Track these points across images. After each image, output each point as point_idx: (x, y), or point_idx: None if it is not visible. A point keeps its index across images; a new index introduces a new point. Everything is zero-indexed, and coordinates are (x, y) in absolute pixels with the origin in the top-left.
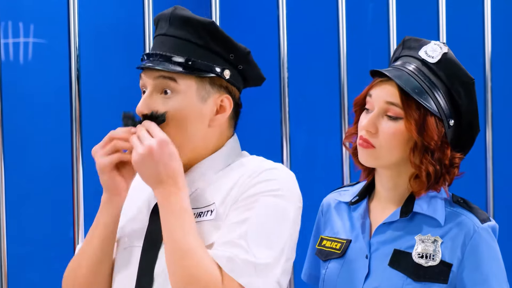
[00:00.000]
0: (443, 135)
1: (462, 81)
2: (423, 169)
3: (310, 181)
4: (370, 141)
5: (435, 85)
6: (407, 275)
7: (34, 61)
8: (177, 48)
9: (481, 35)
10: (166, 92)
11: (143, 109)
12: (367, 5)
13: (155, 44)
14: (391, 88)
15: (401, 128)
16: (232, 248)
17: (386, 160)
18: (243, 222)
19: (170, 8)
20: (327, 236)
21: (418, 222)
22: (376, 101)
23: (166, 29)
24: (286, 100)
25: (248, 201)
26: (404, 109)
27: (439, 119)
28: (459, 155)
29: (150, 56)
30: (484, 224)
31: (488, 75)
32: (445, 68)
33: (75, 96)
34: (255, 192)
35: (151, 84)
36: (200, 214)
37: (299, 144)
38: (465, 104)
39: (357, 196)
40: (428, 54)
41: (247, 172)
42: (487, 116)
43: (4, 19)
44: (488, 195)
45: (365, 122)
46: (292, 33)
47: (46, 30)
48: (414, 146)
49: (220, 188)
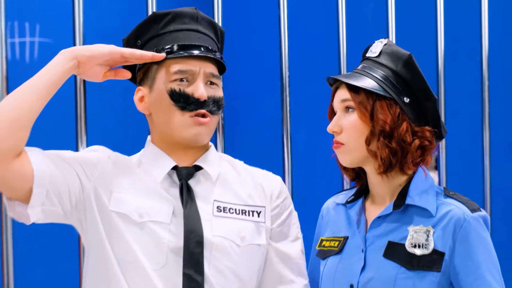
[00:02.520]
0: (401, 114)
1: (403, 60)
2: (378, 154)
3: (310, 179)
4: (338, 139)
5: (383, 73)
6: (401, 264)
7: (40, 60)
8: (211, 44)
9: (478, 34)
10: (211, 83)
11: (205, 94)
12: (367, 5)
13: (191, 36)
14: (342, 90)
15: (356, 118)
16: None
17: (358, 154)
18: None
19: (186, 7)
20: (326, 237)
21: (410, 214)
22: (335, 104)
23: (195, 25)
24: (287, 99)
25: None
26: (354, 101)
27: (391, 100)
28: (428, 128)
29: (198, 48)
30: (474, 214)
31: (485, 74)
32: (387, 56)
33: (80, 95)
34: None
35: (202, 73)
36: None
37: (300, 143)
38: (413, 79)
39: (353, 196)
40: (372, 51)
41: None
42: (484, 115)
43: (10, 19)
44: (485, 192)
45: (330, 124)
46: (293, 33)
47: (51, 30)
48: (370, 134)
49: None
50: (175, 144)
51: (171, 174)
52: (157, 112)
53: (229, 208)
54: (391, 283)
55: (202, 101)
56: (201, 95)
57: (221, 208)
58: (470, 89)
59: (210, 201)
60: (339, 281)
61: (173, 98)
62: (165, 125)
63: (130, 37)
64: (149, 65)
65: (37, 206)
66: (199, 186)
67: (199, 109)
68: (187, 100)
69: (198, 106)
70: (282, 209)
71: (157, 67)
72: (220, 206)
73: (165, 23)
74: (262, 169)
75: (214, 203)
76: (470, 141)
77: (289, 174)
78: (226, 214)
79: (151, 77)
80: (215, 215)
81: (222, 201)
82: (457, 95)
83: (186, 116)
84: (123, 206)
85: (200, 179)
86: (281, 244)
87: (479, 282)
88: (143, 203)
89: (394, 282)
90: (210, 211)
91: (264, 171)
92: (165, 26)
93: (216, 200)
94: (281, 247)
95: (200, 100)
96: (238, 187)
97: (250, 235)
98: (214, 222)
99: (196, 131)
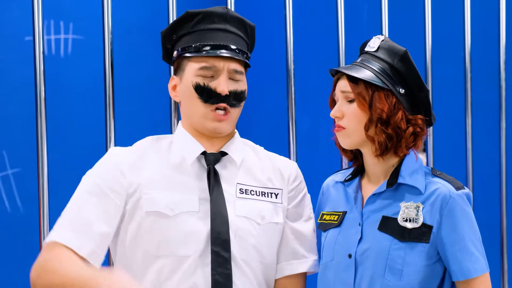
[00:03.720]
0: (396, 103)
1: (399, 55)
2: (375, 139)
3: (313, 160)
4: (340, 124)
5: (380, 66)
6: (394, 236)
7: (73, 55)
8: (238, 42)
9: (461, 32)
10: (234, 79)
11: (226, 89)
12: (363, 6)
13: (219, 36)
14: (343, 80)
15: (356, 107)
16: None
17: (357, 137)
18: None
19: (217, 6)
20: (327, 211)
21: (402, 191)
22: (337, 93)
23: (224, 25)
24: (292, 88)
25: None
26: (354, 92)
27: (388, 91)
28: (420, 116)
29: (223, 48)
30: (458, 191)
31: (468, 67)
32: (384, 51)
33: (109, 85)
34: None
35: (225, 70)
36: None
37: (304, 127)
38: (408, 72)
39: (350, 175)
40: (370, 46)
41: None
42: (467, 103)
43: (47, 18)
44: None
45: (332, 110)
46: (297, 30)
47: (83, 28)
48: (369, 121)
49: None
50: (201, 132)
51: (199, 158)
52: (184, 101)
53: (250, 190)
54: (385, 253)
55: (224, 96)
56: (223, 90)
57: (243, 190)
58: (454, 80)
59: (234, 183)
60: (339, 251)
61: (198, 91)
62: (190, 114)
63: (167, 31)
64: (181, 59)
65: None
66: (224, 170)
67: (220, 102)
68: (210, 94)
69: (219, 100)
70: (297, 192)
71: (187, 61)
72: (243, 188)
73: (196, 21)
74: (280, 155)
75: (237, 185)
76: (454, 126)
77: (294, 156)
78: (248, 195)
79: (182, 69)
80: (238, 197)
81: (244, 184)
82: (443, 86)
83: (208, 110)
84: (156, 205)
85: (225, 164)
86: (296, 223)
87: (463, 252)
88: (172, 197)
89: (388, 252)
90: (234, 193)
91: (282, 157)
92: (196, 24)
93: (239, 183)
94: (296, 226)
95: (221, 95)
96: (259, 171)
97: (269, 214)
98: (237, 203)
99: (215, 125)
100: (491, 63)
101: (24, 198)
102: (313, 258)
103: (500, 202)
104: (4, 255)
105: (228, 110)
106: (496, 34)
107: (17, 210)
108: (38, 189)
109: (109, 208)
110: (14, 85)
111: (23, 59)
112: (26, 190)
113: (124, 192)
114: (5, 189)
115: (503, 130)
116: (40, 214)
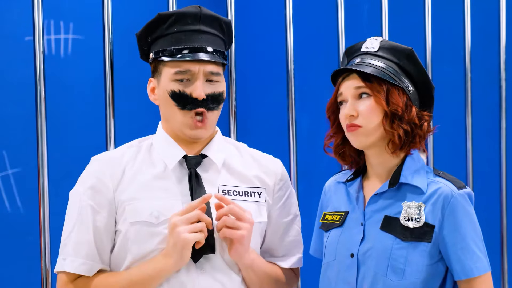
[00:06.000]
0: (407, 100)
1: (405, 54)
2: (395, 133)
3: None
4: (356, 123)
5: (386, 64)
6: (396, 236)
7: (73, 55)
8: (214, 42)
9: (461, 32)
10: (211, 81)
11: (202, 93)
12: (363, 6)
13: (193, 38)
14: (352, 79)
15: (373, 103)
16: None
17: (374, 135)
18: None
19: (190, 6)
20: (329, 211)
21: (404, 191)
22: (347, 92)
23: (198, 25)
24: (292, 88)
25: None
26: (369, 87)
27: (400, 88)
28: (426, 113)
29: (198, 50)
30: (460, 191)
31: (468, 66)
32: (386, 50)
33: (109, 85)
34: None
35: (201, 73)
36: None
37: (304, 127)
38: (415, 71)
39: (352, 175)
40: (369, 47)
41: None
42: (467, 103)
43: (47, 18)
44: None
45: (346, 109)
46: (297, 31)
47: (83, 28)
48: (385, 116)
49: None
50: (180, 136)
51: (181, 162)
52: (162, 106)
53: (233, 191)
54: (387, 252)
55: (201, 100)
56: (199, 94)
57: (226, 191)
58: (454, 80)
59: (216, 185)
60: (341, 250)
61: (174, 99)
62: (169, 120)
63: (141, 33)
64: (157, 62)
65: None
66: (206, 173)
67: (197, 108)
68: (186, 100)
69: (196, 105)
70: (284, 190)
71: (162, 66)
72: (225, 189)
73: (169, 24)
74: (263, 152)
75: (220, 187)
76: (455, 126)
77: (294, 155)
78: (231, 196)
79: (159, 72)
80: None
81: (227, 185)
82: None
83: (187, 117)
84: (139, 215)
85: (207, 166)
86: (283, 220)
87: (465, 251)
88: (155, 205)
89: (390, 251)
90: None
91: (265, 154)
92: (169, 27)
93: (221, 185)
94: (283, 223)
95: (198, 100)
96: (241, 170)
97: (252, 214)
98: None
99: (193, 133)
100: (491, 63)
101: (24, 198)
102: (298, 256)
103: (500, 202)
104: (4, 255)
105: (206, 115)
106: (496, 34)
107: (17, 210)
108: (38, 189)
109: (103, 224)
110: (14, 85)
111: (23, 59)
112: (26, 190)
113: (112, 205)
114: (5, 189)
115: (503, 130)
116: (40, 214)
